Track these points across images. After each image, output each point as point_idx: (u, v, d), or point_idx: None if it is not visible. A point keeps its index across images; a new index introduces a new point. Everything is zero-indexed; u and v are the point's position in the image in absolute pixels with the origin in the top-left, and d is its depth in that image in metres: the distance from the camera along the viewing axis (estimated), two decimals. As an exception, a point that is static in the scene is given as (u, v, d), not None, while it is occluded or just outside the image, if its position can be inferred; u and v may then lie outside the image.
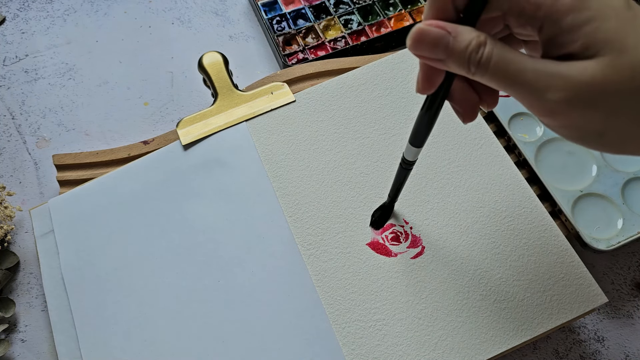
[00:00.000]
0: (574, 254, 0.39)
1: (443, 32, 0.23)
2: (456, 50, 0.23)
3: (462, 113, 0.27)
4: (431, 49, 0.23)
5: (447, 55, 0.23)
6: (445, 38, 0.23)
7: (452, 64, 0.24)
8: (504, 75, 0.23)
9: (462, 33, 0.23)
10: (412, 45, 0.24)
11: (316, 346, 0.37)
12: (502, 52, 0.23)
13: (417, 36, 0.23)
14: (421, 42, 0.23)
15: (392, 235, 0.40)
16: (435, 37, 0.23)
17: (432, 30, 0.23)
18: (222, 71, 0.47)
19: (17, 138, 0.53)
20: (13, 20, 0.59)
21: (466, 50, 0.23)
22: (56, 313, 0.40)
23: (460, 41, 0.23)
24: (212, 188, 0.43)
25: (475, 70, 0.23)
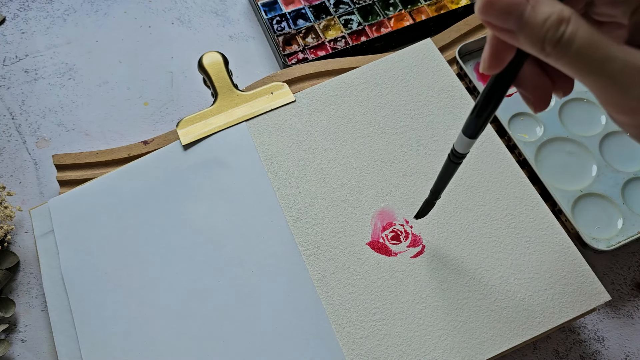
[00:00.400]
0: (575, 252, 0.39)
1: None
2: (532, 23, 0.19)
3: (533, 101, 0.24)
4: (502, 17, 0.20)
5: (519, 27, 0.20)
6: (521, 5, 0.19)
7: (523, 39, 0.20)
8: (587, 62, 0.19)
9: (542, 3, 0.19)
10: (482, 8, 0.20)
11: (316, 346, 0.37)
12: (589, 34, 0.19)
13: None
14: (492, 5, 0.20)
15: (392, 235, 0.40)
16: (509, 2, 0.19)
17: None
18: (222, 71, 0.47)
19: (17, 138, 0.53)
20: (13, 20, 0.59)
21: (543, 24, 0.19)
22: (56, 313, 0.40)
23: (539, 12, 0.19)
24: (212, 188, 0.43)
25: (551, 50, 0.19)
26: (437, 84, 0.46)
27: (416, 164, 0.43)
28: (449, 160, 0.31)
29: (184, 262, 0.40)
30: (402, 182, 0.42)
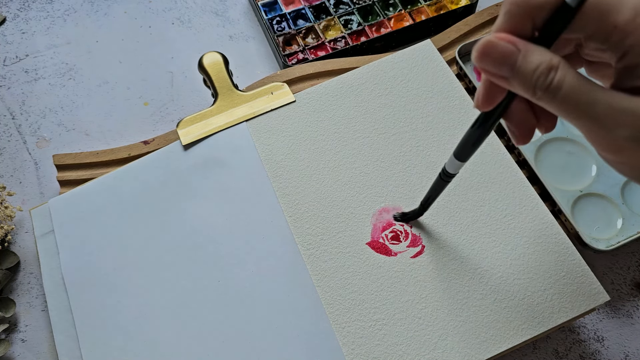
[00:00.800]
0: (575, 252, 0.39)
1: (512, 48, 0.21)
2: (523, 71, 0.21)
3: (517, 135, 0.26)
4: (497, 65, 0.22)
5: (512, 74, 0.22)
6: (513, 55, 0.21)
7: (516, 84, 0.22)
8: (572, 106, 0.21)
9: (532, 52, 0.21)
10: (478, 57, 0.22)
11: (316, 346, 0.37)
12: (575, 80, 0.21)
13: (484, 48, 0.22)
14: (487, 55, 0.22)
15: (392, 235, 0.40)
16: (503, 53, 0.21)
17: (501, 45, 0.21)
18: (222, 71, 0.47)
19: (17, 138, 0.53)
20: (13, 21, 0.60)
21: (534, 72, 0.21)
22: (56, 313, 0.40)
23: (530, 62, 0.21)
24: (212, 188, 0.43)
25: (541, 95, 0.21)
26: (437, 84, 0.46)
27: (416, 164, 0.43)
28: (439, 178, 0.34)
29: (184, 262, 0.40)
30: (402, 182, 0.42)
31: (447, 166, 0.32)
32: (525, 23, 0.22)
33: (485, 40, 0.22)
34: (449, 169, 0.32)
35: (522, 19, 0.22)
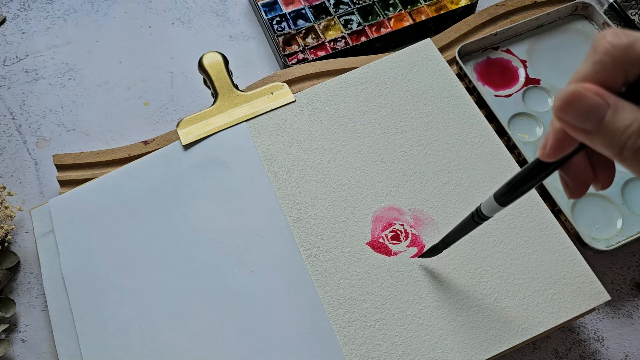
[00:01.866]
0: (575, 252, 0.39)
1: (601, 102, 0.19)
2: (612, 128, 0.19)
3: (572, 188, 0.24)
4: (582, 118, 0.20)
5: (597, 130, 0.20)
6: (602, 109, 0.19)
7: (600, 141, 0.20)
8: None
9: (623, 109, 0.19)
10: (561, 107, 0.20)
11: (316, 346, 0.37)
12: None
13: (570, 98, 0.20)
14: (572, 106, 0.20)
15: (391, 235, 0.40)
16: (591, 106, 0.20)
17: (589, 97, 0.20)
18: (222, 71, 0.47)
19: (17, 138, 0.53)
20: (13, 21, 0.60)
21: (624, 131, 0.19)
22: (56, 313, 0.40)
23: (620, 119, 0.19)
24: (212, 188, 0.43)
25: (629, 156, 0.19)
26: (437, 84, 0.46)
27: (416, 164, 0.43)
28: (471, 219, 0.30)
29: (184, 262, 0.40)
30: (402, 182, 0.42)
31: (483, 208, 0.29)
32: (617, 76, 0.20)
33: (572, 89, 0.20)
34: (486, 211, 0.29)
35: (613, 72, 0.20)
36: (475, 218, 0.30)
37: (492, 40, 0.51)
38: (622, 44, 0.19)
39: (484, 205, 0.29)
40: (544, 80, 0.49)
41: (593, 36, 0.51)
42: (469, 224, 0.31)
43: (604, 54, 0.20)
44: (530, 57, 0.51)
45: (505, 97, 0.49)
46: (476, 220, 0.30)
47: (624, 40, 0.19)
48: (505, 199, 0.27)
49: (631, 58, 0.19)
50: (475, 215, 0.30)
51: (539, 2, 0.53)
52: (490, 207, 0.28)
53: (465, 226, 0.32)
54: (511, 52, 0.51)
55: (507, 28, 0.50)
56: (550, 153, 0.22)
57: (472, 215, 0.30)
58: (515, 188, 0.26)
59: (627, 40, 0.19)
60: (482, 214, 0.29)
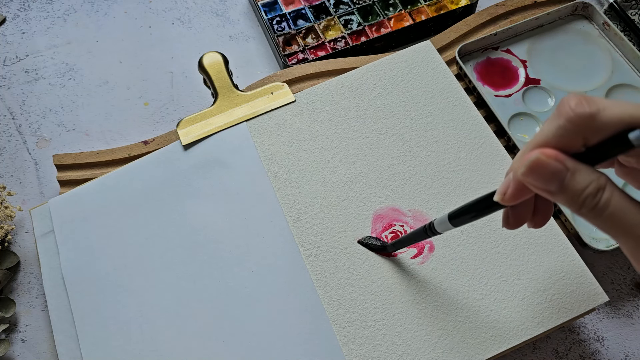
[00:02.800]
0: (574, 253, 0.39)
1: (561, 167, 0.22)
2: (571, 190, 0.22)
3: (511, 221, 0.26)
4: (545, 182, 0.22)
5: (559, 191, 0.22)
6: (562, 173, 0.22)
7: (561, 199, 0.22)
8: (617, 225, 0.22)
9: (581, 172, 0.21)
10: (526, 173, 0.22)
11: (316, 346, 0.37)
12: (621, 201, 0.22)
13: (534, 166, 0.22)
14: (536, 172, 0.22)
15: (392, 235, 0.40)
16: (552, 171, 0.22)
17: (551, 164, 0.22)
18: (222, 71, 0.47)
19: (17, 138, 0.53)
20: (13, 21, 0.60)
21: (582, 192, 0.21)
22: (56, 313, 0.40)
23: (578, 181, 0.21)
24: (212, 188, 0.43)
25: (586, 212, 0.22)
26: (437, 85, 0.46)
27: (416, 164, 0.43)
28: (423, 231, 0.33)
29: (184, 262, 0.40)
30: (402, 182, 0.42)
31: (436, 224, 0.31)
32: (577, 141, 0.22)
33: (536, 158, 0.22)
34: (438, 228, 0.31)
35: (574, 137, 0.21)
36: (427, 231, 0.32)
37: (492, 40, 0.51)
38: (584, 113, 0.21)
39: (437, 222, 0.31)
40: (544, 80, 0.49)
41: (593, 36, 0.51)
42: (420, 234, 0.33)
43: (567, 121, 0.21)
44: (530, 57, 0.51)
45: (505, 97, 0.49)
46: (427, 233, 0.32)
47: (586, 110, 0.21)
48: (456, 222, 0.29)
49: (592, 127, 0.21)
50: (427, 229, 0.32)
51: (539, 2, 0.53)
52: (443, 225, 0.30)
53: (416, 236, 0.34)
54: (511, 52, 0.51)
55: (507, 28, 0.50)
56: (509, 199, 0.24)
57: (425, 228, 0.32)
58: (466, 215, 0.28)
59: (589, 110, 0.21)
60: (434, 229, 0.31)
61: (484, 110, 0.47)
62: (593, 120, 0.21)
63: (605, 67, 0.50)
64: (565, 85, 0.49)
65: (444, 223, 0.30)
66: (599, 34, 0.51)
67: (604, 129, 0.21)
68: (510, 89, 0.49)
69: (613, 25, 0.50)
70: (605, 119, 0.21)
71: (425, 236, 0.33)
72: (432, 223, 0.31)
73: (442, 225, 0.30)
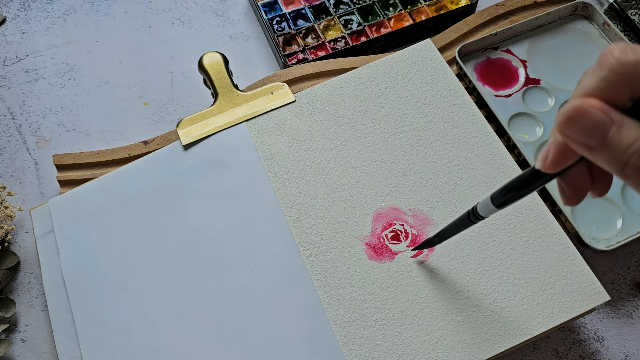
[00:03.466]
0: (575, 252, 0.39)
1: (605, 118, 0.19)
2: (615, 145, 0.19)
3: (569, 196, 0.24)
4: (586, 134, 0.20)
5: (600, 146, 0.20)
6: (606, 125, 0.19)
7: (602, 157, 0.20)
8: None
9: (628, 126, 0.19)
10: (564, 122, 0.20)
11: (316, 346, 0.37)
12: None
13: (574, 114, 0.20)
14: (576, 122, 0.20)
15: (391, 234, 0.40)
16: (595, 122, 0.19)
17: (593, 113, 0.19)
18: (222, 71, 0.47)
19: (17, 138, 0.53)
20: (13, 21, 0.60)
21: (628, 149, 0.19)
22: (56, 313, 0.40)
23: (624, 136, 0.19)
24: (212, 188, 0.43)
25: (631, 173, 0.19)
26: (437, 84, 0.46)
27: (416, 164, 0.43)
28: (467, 218, 0.31)
29: (184, 262, 0.40)
30: (402, 182, 0.42)
31: (479, 208, 0.29)
32: (623, 93, 0.19)
33: (576, 105, 0.20)
34: (482, 211, 0.29)
35: (619, 89, 0.19)
36: (470, 217, 0.30)
37: (492, 40, 0.51)
38: (629, 62, 0.19)
39: (480, 206, 0.29)
40: (544, 80, 0.49)
41: (593, 36, 0.51)
42: (464, 222, 0.31)
43: (611, 70, 0.19)
44: (530, 57, 0.51)
45: (505, 97, 0.49)
46: (472, 219, 0.30)
47: (631, 57, 0.19)
48: (501, 203, 0.27)
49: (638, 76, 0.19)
50: (471, 214, 0.30)
51: (539, 2, 0.53)
52: (487, 208, 0.28)
53: (460, 224, 0.32)
54: (511, 52, 0.51)
55: (507, 28, 0.50)
56: (551, 165, 0.22)
57: (468, 214, 0.30)
58: (512, 193, 0.26)
59: (634, 57, 0.19)
60: (478, 213, 0.29)
61: (484, 110, 0.47)
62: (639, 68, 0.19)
63: (605, 67, 0.50)
64: (565, 85, 0.49)
65: (488, 206, 0.28)
66: (599, 34, 0.51)
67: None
68: (510, 89, 0.49)
69: (613, 25, 0.50)
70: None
71: (470, 223, 0.31)
72: (475, 208, 0.29)
73: (486, 208, 0.28)
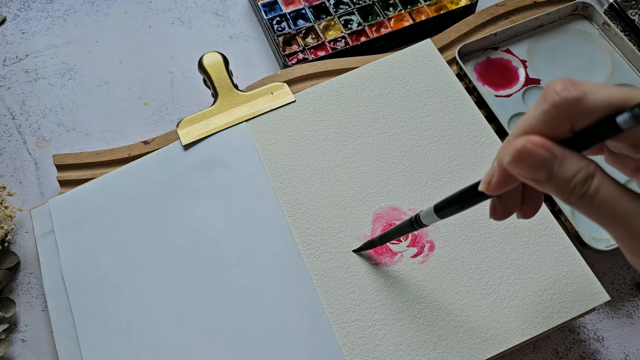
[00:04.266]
0: (575, 252, 0.39)
1: (548, 155, 0.20)
2: (559, 178, 0.21)
3: (498, 212, 0.25)
4: (532, 171, 0.21)
5: (548, 180, 0.21)
6: (549, 161, 0.21)
7: (550, 189, 0.21)
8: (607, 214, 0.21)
9: (569, 160, 0.21)
10: (512, 162, 0.21)
11: (316, 346, 0.37)
12: (611, 189, 0.21)
13: (520, 154, 0.21)
14: (523, 161, 0.21)
15: (392, 235, 0.40)
16: (539, 159, 0.21)
17: (538, 152, 0.20)
18: (222, 71, 0.47)
19: (17, 138, 0.53)
20: (13, 21, 0.60)
21: (571, 180, 0.21)
22: (56, 313, 0.40)
23: (567, 170, 0.21)
24: (212, 188, 0.43)
25: (575, 201, 0.21)
26: (437, 84, 0.46)
27: (416, 164, 0.43)
28: (409, 224, 0.32)
29: (184, 262, 0.40)
30: (402, 182, 0.42)
31: (422, 216, 0.30)
32: (564, 126, 0.21)
33: (521, 146, 0.21)
34: (424, 220, 0.30)
35: (561, 123, 0.21)
36: (413, 224, 0.31)
37: (492, 40, 0.51)
38: (570, 98, 0.20)
39: (423, 214, 0.30)
40: (544, 80, 0.49)
41: (593, 36, 0.51)
42: (406, 227, 0.33)
43: (553, 105, 0.20)
44: (530, 57, 0.51)
45: (505, 97, 0.49)
46: (413, 226, 0.32)
47: (572, 93, 0.20)
48: (442, 214, 0.28)
49: (578, 112, 0.20)
50: (414, 221, 0.31)
51: (539, 2, 0.53)
52: (429, 217, 0.29)
53: (403, 229, 0.33)
54: (511, 52, 0.51)
55: (507, 28, 0.50)
56: (494, 188, 0.23)
57: (411, 220, 0.32)
58: (454, 206, 0.27)
59: (575, 94, 0.20)
60: (420, 221, 0.31)
61: (484, 110, 0.47)
62: (579, 104, 0.20)
63: (605, 67, 0.50)
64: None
65: (430, 215, 0.29)
66: (599, 34, 0.51)
67: (591, 113, 0.20)
68: (510, 89, 0.49)
69: (613, 25, 0.50)
70: (592, 102, 0.20)
71: (412, 229, 0.32)
72: (418, 215, 0.31)
73: (428, 217, 0.30)
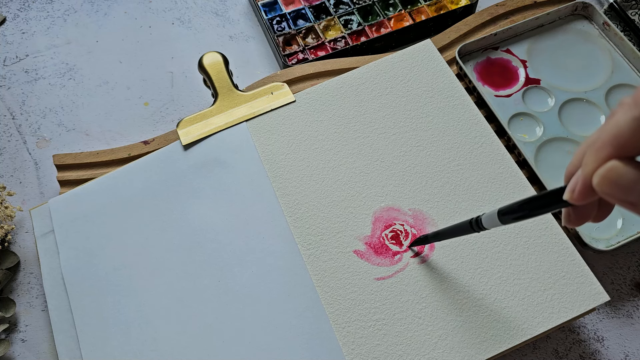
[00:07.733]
0: (575, 252, 0.39)
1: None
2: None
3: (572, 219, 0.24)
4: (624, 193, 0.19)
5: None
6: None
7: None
8: None
9: None
10: (602, 183, 0.20)
11: (316, 346, 0.37)
12: None
13: (612, 175, 0.19)
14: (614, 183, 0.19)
15: (392, 234, 0.40)
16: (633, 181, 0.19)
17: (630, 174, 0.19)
18: (222, 71, 0.47)
19: (17, 138, 0.53)
20: (13, 21, 0.60)
21: None
22: (56, 313, 0.40)
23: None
24: (212, 188, 0.43)
25: None
26: (437, 84, 0.46)
27: (416, 164, 0.43)
28: (469, 225, 0.30)
29: (184, 262, 0.40)
30: (402, 182, 0.42)
31: (484, 220, 0.29)
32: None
33: (612, 166, 0.19)
34: (486, 224, 0.29)
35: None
36: (473, 226, 0.30)
37: (492, 40, 0.51)
38: None
39: (485, 218, 0.29)
40: (544, 80, 0.49)
41: (593, 36, 0.51)
42: (465, 229, 0.31)
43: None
44: (530, 57, 0.51)
45: (505, 97, 0.49)
46: (474, 228, 0.30)
47: None
48: (504, 219, 0.27)
49: None
50: (474, 223, 0.30)
51: (539, 2, 0.53)
52: (492, 221, 0.28)
53: (461, 230, 0.32)
54: (511, 52, 0.51)
55: (507, 28, 0.50)
56: (578, 198, 0.22)
57: (471, 222, 0.30)
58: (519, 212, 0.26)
59: None
60: (482, 224, 0.29)
61: (484, 110, 0.47)
62: None
63: (605, 67, 0.50)
64: (565, 85, 0.49)
65: (493, 219, 0.28)
66: (599, 34, 0.51)
67: None
68: (510, 89, 0.49)
69: (613, 25, 0.50)
70: None
71: (471, 231, 0.30)
72: (480, 217, 0.29)
73: (490, 221, 0.28)
